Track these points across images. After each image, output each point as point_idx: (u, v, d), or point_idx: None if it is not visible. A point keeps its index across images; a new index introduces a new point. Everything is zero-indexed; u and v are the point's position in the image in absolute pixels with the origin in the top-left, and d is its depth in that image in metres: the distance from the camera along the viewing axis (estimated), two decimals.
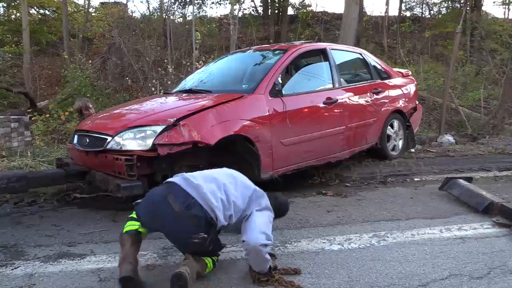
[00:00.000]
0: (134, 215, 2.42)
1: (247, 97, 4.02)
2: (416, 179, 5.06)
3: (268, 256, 2.36)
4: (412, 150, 6.66)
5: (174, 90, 5.23)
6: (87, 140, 3.82)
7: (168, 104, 4.24)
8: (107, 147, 3.51)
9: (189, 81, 5.35)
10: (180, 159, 3.50)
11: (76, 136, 4.10)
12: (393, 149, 6.04)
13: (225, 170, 2.68)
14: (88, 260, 2.69)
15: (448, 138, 8.07)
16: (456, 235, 3.11)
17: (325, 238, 3.05)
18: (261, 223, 2.40)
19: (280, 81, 4.28)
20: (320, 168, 5.10)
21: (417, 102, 6.63)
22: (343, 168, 5.35)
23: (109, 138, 3.53)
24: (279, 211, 2.74)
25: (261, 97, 4.07)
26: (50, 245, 2.95)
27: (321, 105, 4.65)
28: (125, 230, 2.39)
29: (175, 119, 3.44)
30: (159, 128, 3.38)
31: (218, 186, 2.42)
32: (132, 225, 2.40)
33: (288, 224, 3.36)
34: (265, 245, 2.32)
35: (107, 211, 3.75)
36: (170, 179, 2.45)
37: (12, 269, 2.54)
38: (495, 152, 6.98)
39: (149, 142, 3.34)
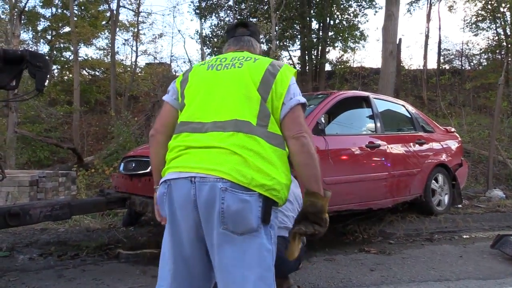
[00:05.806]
0: None
1: None
2: (464, 236, 4.82)
3: None
4: (459, 205, 6.38)
5: None
6: (133, 165, 4.00)
7: None
8: None
9: None
10: None
11: (122, 164, 4.31)
12: (438, 204, 5.80)
13: None
14: None
15: (497, 192, 7.69)
16: None
17: None
18: None
19: (323, 121, 4.33)
20: (361, 224, 4.96)
21: (462, 159, 6.47)
22: (386, 224, 5.17)
23: None
24: None
25: None
26: None
27: (364, 148, 4.63)
28: None
29: None
30: None
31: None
32: None
33: (329, 283, 3.24)
34: None
35: (146, 266, 3.76)
36: None
37: None
38: None
39: None
